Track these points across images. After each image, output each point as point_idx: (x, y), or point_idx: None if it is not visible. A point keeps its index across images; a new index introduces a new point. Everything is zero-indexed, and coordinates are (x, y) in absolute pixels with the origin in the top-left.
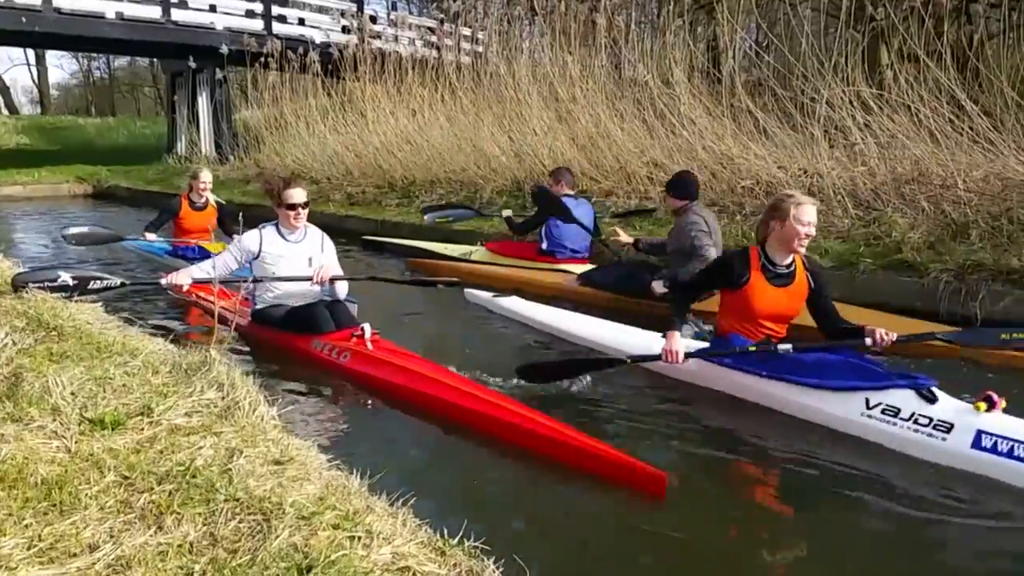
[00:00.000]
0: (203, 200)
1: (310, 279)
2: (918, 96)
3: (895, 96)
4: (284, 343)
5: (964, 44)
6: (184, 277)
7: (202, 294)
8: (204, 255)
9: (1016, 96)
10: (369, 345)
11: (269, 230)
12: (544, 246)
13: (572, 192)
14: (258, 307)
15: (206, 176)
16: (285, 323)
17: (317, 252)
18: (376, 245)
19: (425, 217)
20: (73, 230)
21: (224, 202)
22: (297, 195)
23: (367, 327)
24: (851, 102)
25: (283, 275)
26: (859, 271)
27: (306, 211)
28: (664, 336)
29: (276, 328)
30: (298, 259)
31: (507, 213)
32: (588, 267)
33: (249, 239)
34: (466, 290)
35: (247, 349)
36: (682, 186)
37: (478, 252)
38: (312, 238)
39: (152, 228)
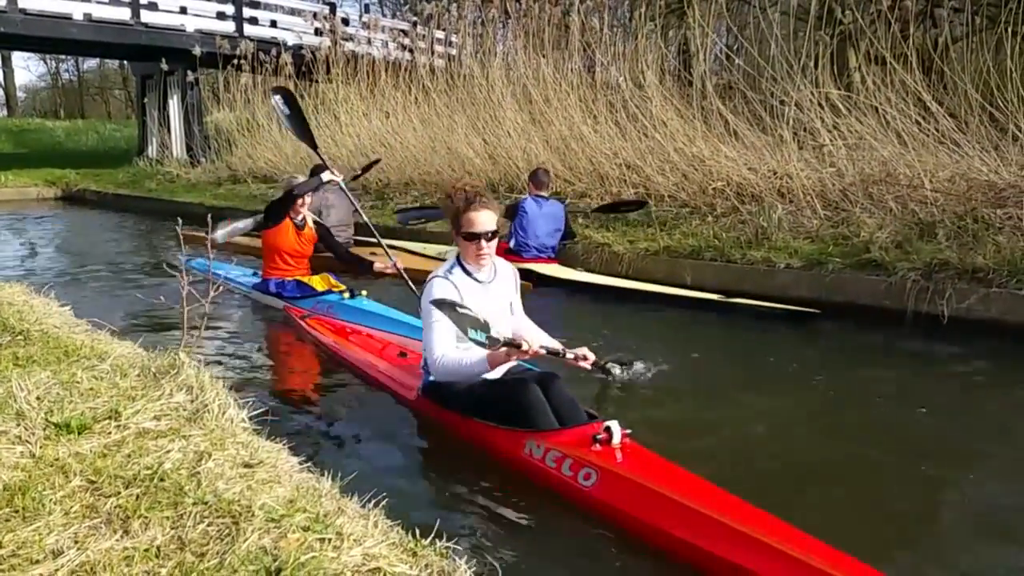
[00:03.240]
0: (300, 218)
1: (514, 347)
2: (885, 98)
3: (863, 98)
4: (476, 437)
5: (929, 47)
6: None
7: (312, 330)
8: (304, 291)
9: (980, 98)
10: (619, 455)
11: (457, 272)
12: (511, 244)
13: (545, 194)
14: (431, 379)
15: None
16: (476, 407)
17: (514, 293)
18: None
19: (398, 218)
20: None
21: (323, 221)
22: (484, 220)
23: (615, 425)
24: (820, 104)
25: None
26: (828, 270)
27: (494, 242)
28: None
29: (461, 412)
30: (497, 307)
31: None
32: (553, 266)
33: (444, 292)
34: None
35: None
36: (312, 175)
37: (452, 251)
38: (504, 275)
39: (263, 223)
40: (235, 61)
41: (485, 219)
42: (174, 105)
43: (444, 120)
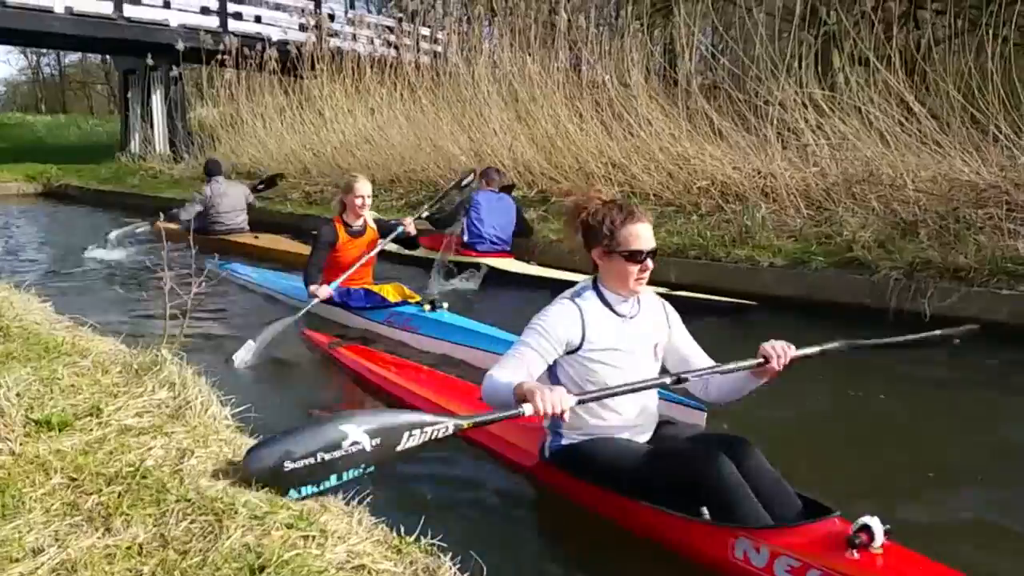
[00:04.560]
0: (361, 222)
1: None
2: (868, 99)
3: (846, 98)
4: (647, 527)
5: (912, 49)
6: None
7: (368, 363)
8: (375, 302)
9: (961, 99)
10: (879, 561)
11: (590, 299)
12: (465, 238)
13: (495, 189)
14: (565, 441)
15: (365, 188)
16: (638, 483)
17: (664, 331)
18: None
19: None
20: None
21: (385, 219)
22: (647, 234)
23: (876, 523)
24: (804, 104)
25: (621, 383)
26: (811, 269)
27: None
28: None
29: (608, 488)
30: (640, 348)
31: (425, 214)
32: (508, 260)
33: (564, 318)
34: None
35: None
36: (206, 168)
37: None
38: (651, 310)
39: (314, 274)
40: (219, 56)
41: (648, 233)
42: (157, 100)
43: (430, 117)
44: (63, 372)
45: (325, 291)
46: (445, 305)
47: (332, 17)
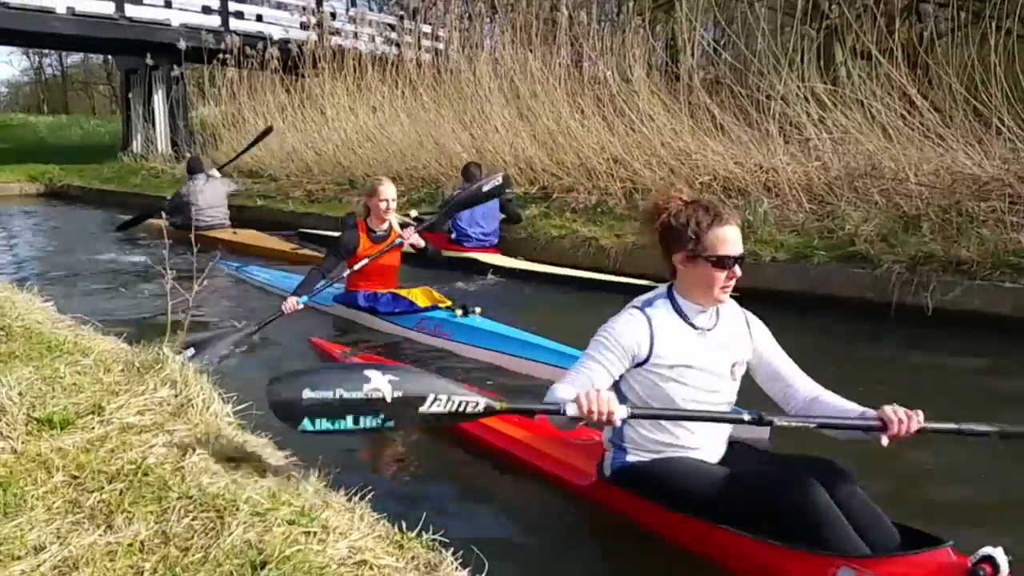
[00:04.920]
0: (386, 227)
1: (752, 419)
2: (871, 92)
3: (849, 92)
4: (720, 550)
5: (915, 42)
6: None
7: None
8: (402, 306)
9: (964, 92)
10: None
11: (662, 308)
12: (452, 236)
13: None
14: (631, 458)
15: (389, 191)
16: (710, 506)
17: (745, 346)
18: (315, 239)
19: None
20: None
21: (413, 221)
22: (737, 238)
23: (1000, 554)
24: (806, 98)
25: (696, 405)
26: (813, 263)
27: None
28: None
29: (683, 509)
30: (715, 365)
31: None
32: (495, 255)
33: (630, 329)
34: None
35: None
36: (188, 165)
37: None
38: (731, 319)
39: (314, 279)
40: (220, 56)
41: (737, 237)
42: (159, 100)
43: (431, 114)
44: (65, 371)
45: (290, 305)
46: (478, 309)
47: (333, 15)
